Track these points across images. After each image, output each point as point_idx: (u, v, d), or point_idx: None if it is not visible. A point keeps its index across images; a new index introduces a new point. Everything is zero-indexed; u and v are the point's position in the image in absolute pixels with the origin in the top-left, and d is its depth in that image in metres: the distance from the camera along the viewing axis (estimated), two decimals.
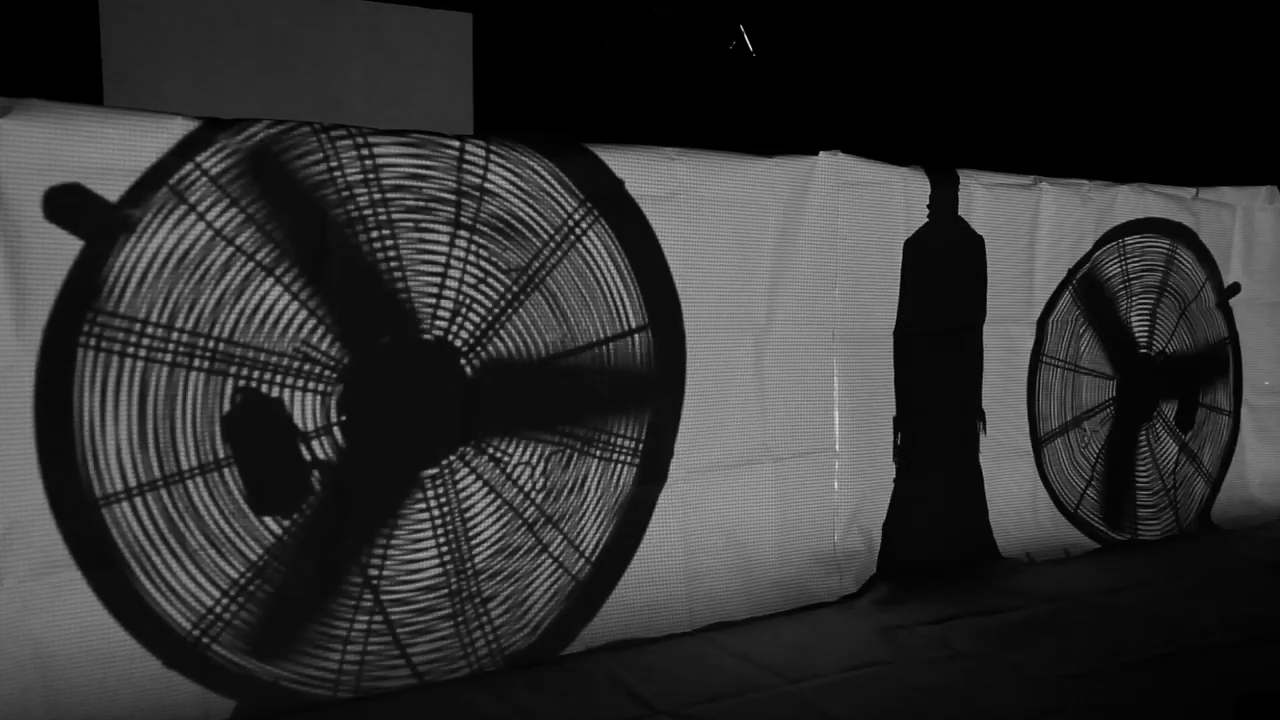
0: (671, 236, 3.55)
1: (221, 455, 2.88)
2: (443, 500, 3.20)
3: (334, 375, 3.02)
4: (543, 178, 3.31)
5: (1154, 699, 3.14)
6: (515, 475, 3.31)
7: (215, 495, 2.89)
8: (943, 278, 4.23)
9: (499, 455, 3.28)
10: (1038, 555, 4.52)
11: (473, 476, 3.24)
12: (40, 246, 2.65)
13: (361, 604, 3.09)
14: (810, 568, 3.91)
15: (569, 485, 3.40)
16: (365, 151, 3.02)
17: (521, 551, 3.34)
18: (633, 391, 3.50)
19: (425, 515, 3.17)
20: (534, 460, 3.34)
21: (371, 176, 3.03)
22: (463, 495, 3.23)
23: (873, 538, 4.10)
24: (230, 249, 2.87)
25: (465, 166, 3.18)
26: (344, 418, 3.03)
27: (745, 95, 8.78)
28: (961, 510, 4.40)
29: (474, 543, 3.25)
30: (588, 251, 3.39)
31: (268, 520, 2.96)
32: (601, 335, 3.43)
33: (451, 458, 3.21)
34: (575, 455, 3.41)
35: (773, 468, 3.82)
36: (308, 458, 3.00)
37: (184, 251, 2.82)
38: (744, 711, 3.02)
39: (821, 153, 3.88)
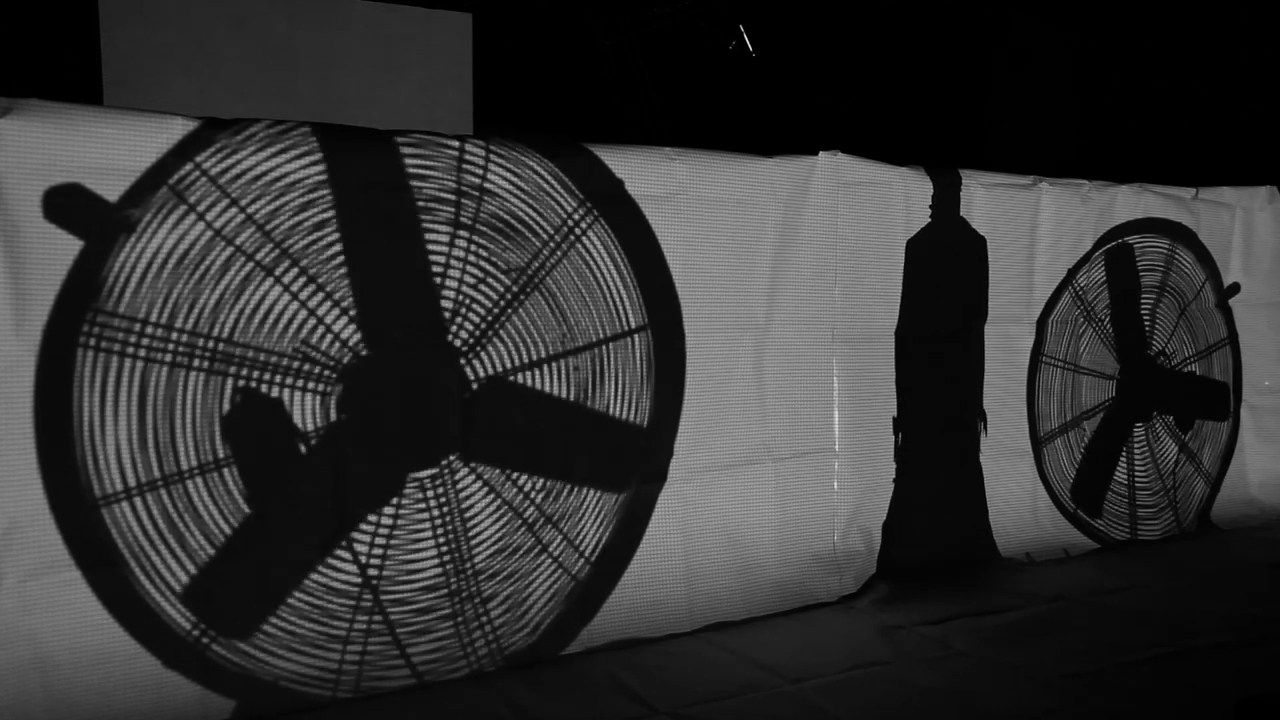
0: (671, 236, 3.55)
1: (221, 455, 2.89)
2: (443, 500, 3.20)
3: (334, 375, 3.02)
4: (542, 178, 3.31)
5: (1154, 699, 3.14)
6: (515, 475, 3.31)
7: (215, 495, 2.89)
8: (944, 278, 4.23)
9: (499, 455, 3.28)
10: (1038, 555, 4.52)
11: (472, 476, 3.24)
12: (40, 246, 2.65)
13: (361, 604, 3.09)
14: (810, 568, 3.91)
15: (569, 485, 3.40)
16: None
17: (521, 551, 3.34)
18: (632, 391, 3.50)
19: (425, 515, 3.17)
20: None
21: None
22: (462, 495, 3.23)
23: (873, 538, 4.10)
24: (230, 249, 2.88)
25: (465, 166, 3.18)
26: (344, 417, 3.03)
27: (745, 95, 8.78)
28: (961, 510, 4.40)
29: (474, 543, 3.25)
30: (587, 251, 3.39)
31: (267, 520, 2.96)
32: (601, 335, 3.43)
33: (451, 457, 3.21)
34: (575, 454, 3.41)
35: (773, 468, 3.82)
36: (307, 457, 3.00)
37: (184, 251, 2.82)
38: (744, 711, 3.02)
39: (821, 153, 3.88)
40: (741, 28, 8.55)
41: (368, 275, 3.05)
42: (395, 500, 3.13)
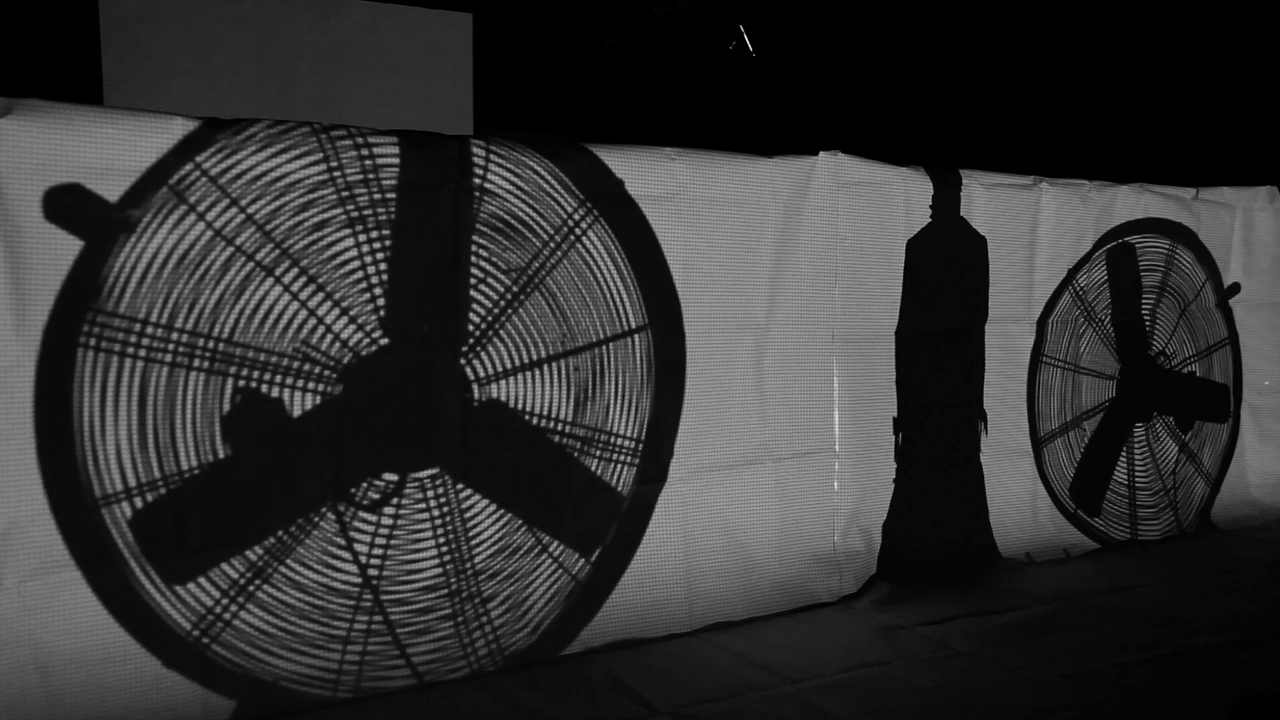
0: (671, 237, 3.55)
1: (221, 455, 2.88)
2: (443, 500, 3.20)
3: (334, 375, 3.02)
4: (542, 178, 3.31)
5: (1154, 699, 3.14)
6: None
7: (215, 495, 2.88)
8: (945, 278, 4.23)
9: (499, 454, 3.28)
10: (1038, 555, 4.53)
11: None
12: (40, 246, 2.65)
13: (361, 604, 3.09)
14: (810, 568, 3.91)
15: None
16: (365, 151, 3.02)
17: (521, 551, 3.34)
18: (632, 391, 3.50)
19: (425, 515, 3.18)
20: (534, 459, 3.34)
21: (371, 176, 3.03)
22: (463, 495, 3.23)
23: (873, 538, 4.10)
24: (230, 249, 2.88)
25: (465, 167, 3.17)
26: (343, 417, 3.03)
27: (745, 95, 8.78)
28: (961, 510, 4.40)
29: (474, 543, 3.25)
30: (588, 252, 3.39)
31: (268, 520, 2.96)
32: (602, 335, 3.43)
33: (450, 459, 3.20)
34: (575, 455, 3.41)
35: (773, 468, 3.82)
36: (307, 456, 3.00)
37: (184, 251, 2.82)
38: (744, 711, 3.02)
39: (821, 153, 3.88)
40: (742, 28, 8.55)
41: (369, 275, 3.05)
42: (395, 500, 3.13)
